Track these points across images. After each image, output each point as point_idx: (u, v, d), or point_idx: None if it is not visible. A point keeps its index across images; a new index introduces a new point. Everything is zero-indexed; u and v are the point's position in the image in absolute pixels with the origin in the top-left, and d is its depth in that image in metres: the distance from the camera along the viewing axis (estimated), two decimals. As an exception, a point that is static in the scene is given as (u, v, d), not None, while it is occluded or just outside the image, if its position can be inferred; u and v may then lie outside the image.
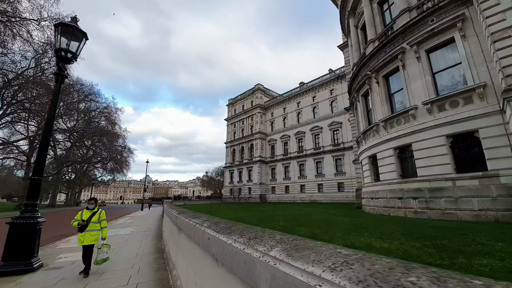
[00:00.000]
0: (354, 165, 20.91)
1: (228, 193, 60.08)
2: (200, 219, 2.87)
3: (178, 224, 3.80)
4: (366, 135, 14.97)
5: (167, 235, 5.96)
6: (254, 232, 1.34)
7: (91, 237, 5.04)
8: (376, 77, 13.74)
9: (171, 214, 4.60)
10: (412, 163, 11.33)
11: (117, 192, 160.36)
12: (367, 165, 14.78)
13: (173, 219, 4.44)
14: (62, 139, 43.30)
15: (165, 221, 7.03)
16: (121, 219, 18.19)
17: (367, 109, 15.46)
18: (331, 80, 43.58)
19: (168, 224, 5.69)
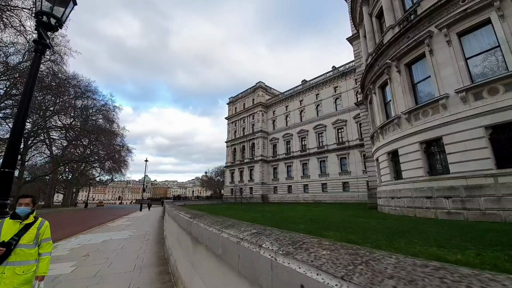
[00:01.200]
0: (366, 163, 19.77)
1: (229, 193, 58.85)
2: (239, 228, 1.71)
3: (194, 233, 2.64)
4: (384, 130, 13.83)
5: (172, 243, 4.77)
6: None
7: (17, 277, 2.38)
8: (397, 65, 12.61)
9: (181, 218, 3.41)
10: (443, 158, 10.20)
11: (116, 192, 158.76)
12: (385, 162, 13.64)
13: (184, 226, 3.27)
14: (58, 137, 41.97)
15: (169, 224, 5.84)
16: (119, 221, 16.97)
17: (385, 101, 14.33)
18: (335, 77, 42.49)
19: (173, 229, 4.50)
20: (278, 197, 48.06)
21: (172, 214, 4.92)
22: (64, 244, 7.78)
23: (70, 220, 19.68)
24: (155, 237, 8.65)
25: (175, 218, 4.15)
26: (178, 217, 3.85)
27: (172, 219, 4.86)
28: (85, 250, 6.59)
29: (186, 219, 2.83)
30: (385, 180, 13.73)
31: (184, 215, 3.23)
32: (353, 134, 37.95)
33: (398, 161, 12.62)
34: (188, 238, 3.04)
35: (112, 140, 47.53)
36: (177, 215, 4.00)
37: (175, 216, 4.26)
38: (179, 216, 3.64)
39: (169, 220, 5.92)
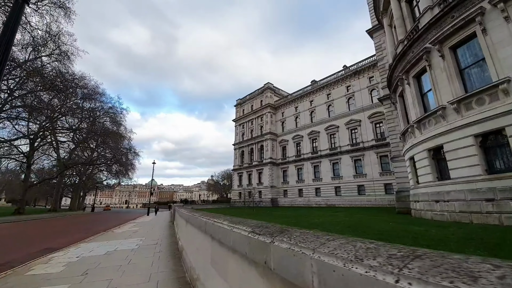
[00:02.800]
0: (393, 164, 18.07)
1: (236, 196, 57.36)
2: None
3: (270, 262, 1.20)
4: (422, 124, 12.21)
5: (202, 265, 3.32)
6: None
7: None
8: (440, 49, 11.05)
9: (232, 233, 1.93)
10: (506, 153, 8.55)
11: (122, 196, 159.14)
12: (424, 160, 11.99)
13: (241, 248, 1.80)
14: (65, 139, 41.43)
15: (189, 234, 4.39)
16: (125, 226, 15.68)
17: (422, 92, 12.74)
18: (347, 76, 40.90)
19: (203, 244, 3.04)
20: (288, 201, 46.29)
21: (198, 222, 3.49)
22: (61, 256, 6.45)
23: (74, 225, 18.51)
24: (168, 248, 7.24)
25: (209, 230, 2.71)
26: (216, 228, 2.42)
27: (198, 230, 3.44)
28: (84, 266, 5.23)
29: (262, 242, 1.39)
30: (425, 181, 12.06)
31: (240, 230, 1.79)
32: (368, 135, 36.13)
33: (443, 159, 10.98)
34: (252, 268, 1.61)
35: (119, 143, 46.90)
36: (212, 224, 2.57)
37: (207, 227, 2.83)
38: (222, 227, 2.21)
39: (190, 229, 4.49)
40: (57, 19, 18.33)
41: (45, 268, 5.22)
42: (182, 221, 6.78)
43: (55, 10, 17.72)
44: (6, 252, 7.54)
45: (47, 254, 6.81)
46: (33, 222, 20.11)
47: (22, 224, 18.55)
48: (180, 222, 7.61)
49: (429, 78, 11.76)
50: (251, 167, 54.13)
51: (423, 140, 12.02)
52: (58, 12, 18.02)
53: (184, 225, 5.86)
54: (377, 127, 35.65)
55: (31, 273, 4.88)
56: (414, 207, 13.50)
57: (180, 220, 7.66)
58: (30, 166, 31.50)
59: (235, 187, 59.09)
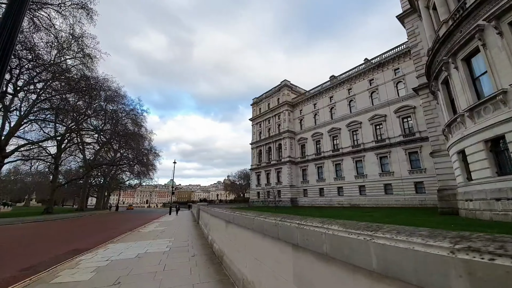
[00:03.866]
0: (434, 159, 16.42)
1: (255, 196, 56.76)
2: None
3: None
4: (476, 113, 10.73)
5: (262, 276, 2.54)
6: None
7: None
8: (498, 25, 9.59)
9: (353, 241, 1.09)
10: None
11: (143, 196, 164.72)
12: (480, 153, 10.52)
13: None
14: (91, 141, 43.00)
15: (248, 243, 3.58)
16: (150, 225, 15.47)
17: (473, 76, 11.23)
18: (370, 69, 38.80)
19: (280, 258, 2.23)
20: (308, 200, 44.90)
21: (258, 224, 2.72)
22: (89, 259, 6.01)
23: (100, 224, 18.72)
24: (202, 251, 6.60)
25: (287, 236, 1.91)
26: (306, 232, 1.62)
27: (258, 234, 2.66)
28: (115, 273, 4.68)
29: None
30: (480, 177, 10.58)
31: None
32: (394, 130, 33.95)
33: (503, 151, 9.51)
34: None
35: (140, 144, 48.04)
36: (300, 227, 1.78)
37: (281, 230, 2.04)
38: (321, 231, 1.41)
39: (238, 232, 3.74)
40: (80, 20, 18.67)
41: (73, 274, 4.73)
42: (217, 221, 6.10)
43: (77, 11, 18.08)
44: (33, 253, 7.31)
45: (74, 256, 6.42)
46: (61, 222, 20.66)
47: (50, 223, 19.06)
48: (213, 222, 6.94)
49: (484, 60, 10.27)
50: (269, 166, 53.27)
51: (477, 130, 10.55)
52: (81, 13, 18.38)
53: (223, 226, 5.15)
54: (404, 122, 33.40)
55: (57, 280, 4.38)
56: (465, 207, 11.99)
57: (213, 220, 7.00)
58: (57, 167, 32.84)
59: (253, 186, 58.52)
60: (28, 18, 17.46)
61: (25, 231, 13.43)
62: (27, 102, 22.33)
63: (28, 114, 22.25)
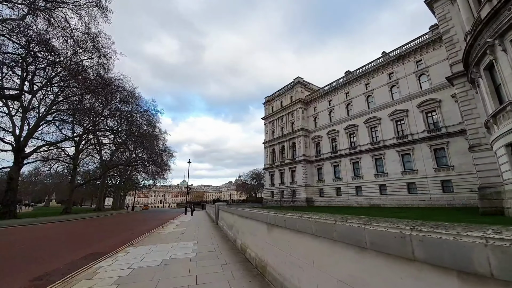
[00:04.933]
0: (473, 154, 14.93)
1: (269, 196, 55.91)
2: None
3: None
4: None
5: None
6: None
7: None
8: None
9: None
10: None
11: (157, 196, 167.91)
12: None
13: None
14: (107, 142, 43.71)
15: (316, 254, 2.78)
16: (168, 226, 15.00)
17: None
18: (389, 62, 36.92)
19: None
20: (324, 200, 43.50)
21: (346, 231, 1.89)
22: (108, 266, 5.41)
23: (118, 225, 18.53)
24: (233, 257, 5.85)
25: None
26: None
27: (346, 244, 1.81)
28: (140, 286, 3.99)
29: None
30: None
31: None
32: (417, 126, 32.03)
33: None
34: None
35: (155, 144, 48.43)
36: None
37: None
38: None
39: (291, 238, 2.94)
40: (95, 18, 18.56)
41: (93, 287, 4.08)
42: (251, 223, 5.32)
43: (92, 9, 18.02)
44: (48, 258, 6.85)
45: (92, 262, 5.84)
46: (79, 222, 20.71)
47: (68, 224, 19.07)
48: (243, 225, 6.16)
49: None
50: (283, 166, 52.25)
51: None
52: (96, 11, 18.29)
53: (262, 230, 4.37)
54: (428, 117, 31.44)
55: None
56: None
57: (244, 222, 6.22)
58: (76, 168, 33.41)
59: (266, 186, 57.68)
60: (44, 19, 17.53)
61: (43, 232, 13.30)
62: (45, 103, 22.62)
63: (46, 115, 22.54)
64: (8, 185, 20.84)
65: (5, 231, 13.53)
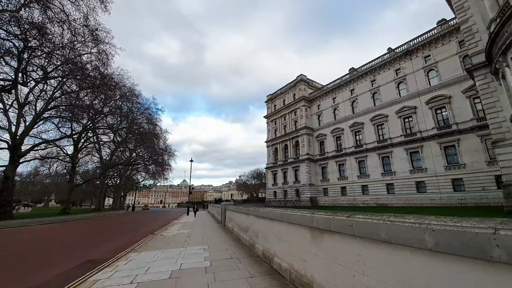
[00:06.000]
0: (497, 150, 14.02)
1: (271, 196, 55.01)
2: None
3: None
4: None
5: None
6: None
7: None
8: None
9: None
10: None
11: (158, 196, 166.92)
12: None
13: None
14: (107, 140, 42.78)
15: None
16: (172, 227, 14.07)
17: None
18: (395, 58, 35.95)
19: None
20: (329, 200, 42.60)
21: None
22: (108, 278, 4.50)
23: (118, 226, 17.61)
24: (257, 267, 4.91)
25: None
26: None
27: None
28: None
29: None
30: None
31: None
32: (426, 123, 31.09)
33: None
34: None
35: (155, 143, 47.51)
36: None
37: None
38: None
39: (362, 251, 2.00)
40: (94, 9, 17.59)
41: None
42: (281, 227, 4.41)
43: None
44: (42, 265, 5.95)
45: (88, 273, 4.93)
46: (78, 223, 19.78)
47: (66, 224, 18.15)
48: (270, 228, 5.21)
49: None
50: (286, 165, 51.34)
51: None
52: (95, 1, 17.32)
53: (305, 237, 3.46)
54: (438, 114, 30.51)
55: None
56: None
57: (268, 226, 5.28)
58: (74, 167, 32.48)
59: (269, 185, 56.77)
60: (40, 10, 16.60)
61: (38, 234, 12.39)
62: (42, 99, 21.68)
63: (44, 112, 21.61)
64: (4, 184, 19.94)
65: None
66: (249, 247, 6.98)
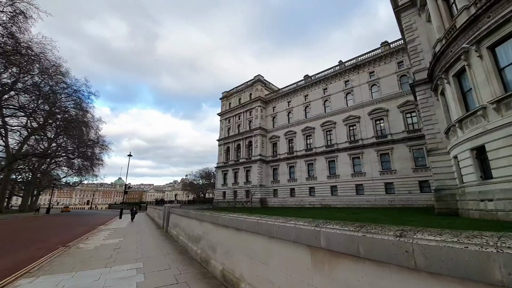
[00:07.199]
0: (430, 158, 15.70)
1: (220, 196, 52.97)
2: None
3: None
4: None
5: None
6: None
7: None
8: (478, 49, 10.98)
9: None
10: None
11: (84, 196, 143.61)
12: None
13: None
14: (17, 124, 33.76)
15: None
16: (97, 236, 10.98)
17: (463, 91, 10.86)
18: (345, 70, 39.06)
19: None
20: (278, 201, 43.26)
21: None
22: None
23: (19, 233, 13.17)
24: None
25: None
26: None
27: None
28: None
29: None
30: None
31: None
32: (367, 132, 34.47)
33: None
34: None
35: (84, 133, 39.88)
36: None
37: None
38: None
39: None
40: None
41: None
42: (252, 241, 2.98)
43: None
44: None
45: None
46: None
47: None
48: (235, 240, 3.67)
49: (469, 78, 9.66)
50: (238, 165, 50.21)
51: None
52: None
53: (298, 257, 2.12)
54: (377, 124, 34.15)
55: None
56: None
57: (241, 238, 3.71)
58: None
59: (218, 186, 54.58)
60: None
61: None
62: None
63: None
64: None
65: None
66: (201, 263, 5.34)
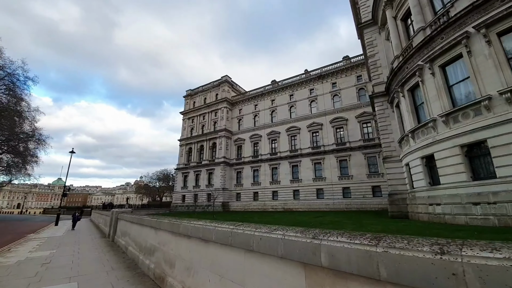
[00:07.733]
0: (385, 165, 16.91)
1: (179, 200, 49.97)
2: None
3: None
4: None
5: None
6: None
7: None
8: (431, 67, 12.15)
9: None
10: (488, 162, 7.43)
11: (14, 198, 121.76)
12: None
13: None
14: None
15: None
16: (23, 247, 8.74)
17: (415, 105, 12.97)
18: (311, 79, 40.86)
19: None
20: (241, 205, 42.59)
21: None
22: None
23: None
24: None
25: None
26: None
27: None
28: None
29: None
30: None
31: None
32: (329, 139, 36.37)
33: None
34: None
35: (16, 124, 33.55)
36: None
37: None
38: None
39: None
40: None
41: None
42: (226, 254, 2.31)
43: None
44: None
45: None
46: None
47: None
48: (202, 254, 2.88)
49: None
50: (200, 167, 48.13)
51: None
52: None
53: (295, 285, 1.54)
54: (337, 132, 36.27)
55: None
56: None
57: (211, 254, 2.94)
58: None
59: (178, 188, 51.45)
60: None
61: None
62: None
63: None
64: None
65: None
66: (154, 280, 4.38)
